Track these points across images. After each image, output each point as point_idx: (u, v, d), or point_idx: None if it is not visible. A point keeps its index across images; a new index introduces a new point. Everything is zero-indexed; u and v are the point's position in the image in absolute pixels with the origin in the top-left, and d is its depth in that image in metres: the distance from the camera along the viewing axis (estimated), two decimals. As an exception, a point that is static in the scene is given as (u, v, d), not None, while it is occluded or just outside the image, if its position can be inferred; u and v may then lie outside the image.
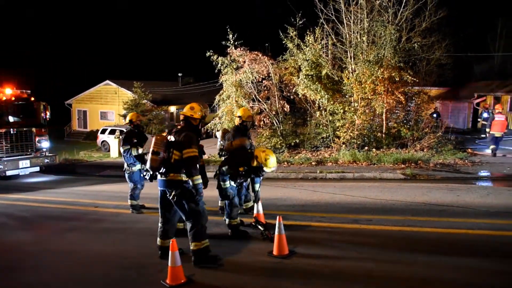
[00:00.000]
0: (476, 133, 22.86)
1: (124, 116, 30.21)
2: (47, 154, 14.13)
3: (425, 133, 16.24)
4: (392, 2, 17.26)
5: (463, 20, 34.91)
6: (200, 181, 5.32)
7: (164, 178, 5.37)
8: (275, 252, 5.58)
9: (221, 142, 8.16)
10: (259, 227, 6.57)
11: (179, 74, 42.81)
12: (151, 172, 5.48)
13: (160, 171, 5.36)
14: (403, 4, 17.37)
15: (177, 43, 71.34)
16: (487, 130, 15.34)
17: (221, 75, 18.21)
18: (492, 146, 15.02)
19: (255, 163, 6.46)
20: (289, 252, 5.60)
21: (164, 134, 5.69)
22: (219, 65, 17.85)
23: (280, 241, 5.58)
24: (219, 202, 7.87)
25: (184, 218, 5.44)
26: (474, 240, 6.03)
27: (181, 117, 5.71)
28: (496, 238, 6.08)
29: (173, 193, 5.26)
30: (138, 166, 8.53)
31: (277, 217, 5.65)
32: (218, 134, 8.67)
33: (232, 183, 6.67)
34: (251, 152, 6.69)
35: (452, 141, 17.16)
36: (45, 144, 14.21)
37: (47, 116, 14.49)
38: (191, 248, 5.33)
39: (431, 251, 5.58)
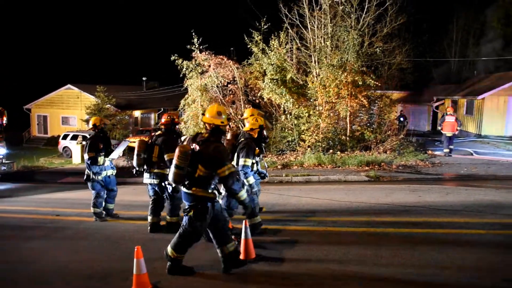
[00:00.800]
0: (436, 135, 23.62)
1: (87, 121, 29.52)
2: (3, 161, 13.60)
3: (387, 135, 16.63)
4: (355, 8, 17.67)
5: (421, 26, 36.08)
6: (246, 195, 5.07)
7: (186, 191, 4.99)
8: (242, 257, 5.55)
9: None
10: (226, 232, 6.51)
11: (144, 78, 42.22)
12: (173, 185, 5.24)
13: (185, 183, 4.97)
14: (365, 10, 17.82)
15: (142, 47, 70.40)
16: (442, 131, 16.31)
17: (186, 79, 18.08)
18: (445, 150, 16.11)
19: None
20: (256, 256, 5.58)
21: (185, 141, 5.42)
22: (184, 69, 17.72)
23: (246, 245, 5.55)
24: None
25: (180, 228, 5.09)
26: (436, 238, 6.21)
27: (207, 126, 5.07)
28: (455, 236, 6.28)
29: (192, 211, 4.90)
30: (104, 173, 8.14)
31: (243, 221, 5.64)
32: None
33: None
34: None
35: (414, 143, 17.68)
36: (1, 150, 13.67)
37: (4, 122, 13.96)
38: (169, 253, 5.07)
39: (396, 251, 5.70)
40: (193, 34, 17.33)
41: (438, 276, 4.83)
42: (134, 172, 7.42)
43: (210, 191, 4.94)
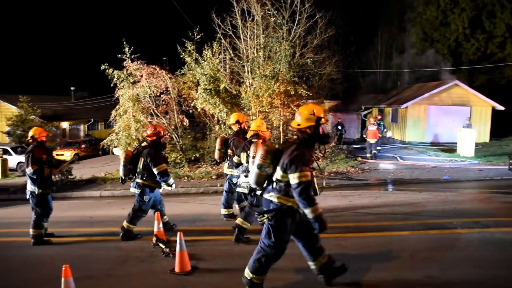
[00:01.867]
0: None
1: (8, 134, 27.78)
2: None
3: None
4: (286, 20, 18.14)
5: (349, 38, 37.83)
6: (320, 211, 4.34)
7: (264, 196, 4.60)
8: (177, 270, 5.45)
9: (223, 150, 8.19)
10: (160, 244, 6.40)
11: (72, 88, 40.50)
12: (253, 187, 4.71)
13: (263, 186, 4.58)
14: (296, 22, 18.35)
15: (69, 56, 67.43)
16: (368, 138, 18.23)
17: (117, 89, 17.55)
18: (368, 155, 17.88)
19: None
20: (191, 268, 5.51)
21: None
22: (115, 79, 17.19)
23: (182, 257, 5.47)
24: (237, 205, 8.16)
25: (261, 244, 4.61)
26: (365, 242, 6.45)
27: (294, 128, 4.64)
28: (386, 239, 6.57)
29: (265, 216, 4.51)
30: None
31: (178, 233, 5.55)
32: (116, 151, 8.43)
33: None
34: None
35: (344, 151, 18.35)
36: None
37: None
38: (248, 276, 4.61)
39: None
40: (124, 43, 16.92)
41: (373, 278, 5.03)
42: (120, 181, 7.45)
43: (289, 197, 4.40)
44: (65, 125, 35.28)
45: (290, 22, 18.45)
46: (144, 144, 7.43)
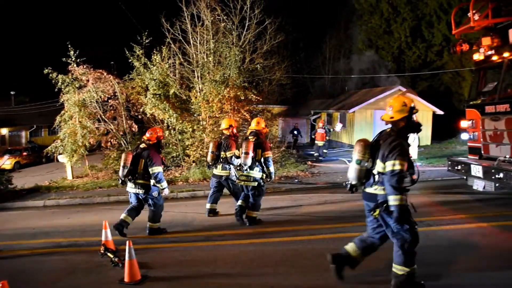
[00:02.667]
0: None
1: None
2: None
3: (270, 148, 17.25)
4: (236, 25, 18.22)
5: (298, 44, 38.52)
6: (404, 203, 4.43)
7: (366, 191, 4.79)
8: (126, 279, 5.32)
9: (216, 153, 9.01)
10: (108, 254, 6.22)
11: (12, 93, 38.59)
12: (353, 183, 4.78)
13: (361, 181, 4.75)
14: (246, 28, 18.48)
15: (9, 58, 64.15)
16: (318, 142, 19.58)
17: (62, 94, 16.91)
18: (315, 154, 19.40)
19: None
20: (141, 277, 5.40)
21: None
22: (60, 83, 16.56)
23: (131, 266, 5.35)
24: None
25: (389, 236, 4.72)
26: (316, 244, 6.57)
27: (386, 122, 4.91)
28: (336, 240, 6.71)
29: (377, 210, 4.58)
30: None
31: (127, 241, 5.42)
32: (62, 158, 8.35)
33: None
34: None
35: (295, 155, 18.62)
36: None
37: None
38: (403, 271, 4.55)
39: (279, 261, 5.92)
40: (69, 46, 16.36)
41: (324, 280, 5.12)
42: (120, 182, 7.84)
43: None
44: (4, 131, 33.57)
45: (240, 27, 18.56)
46: (142, 146, 7.83)
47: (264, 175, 8.18)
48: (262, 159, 8.12)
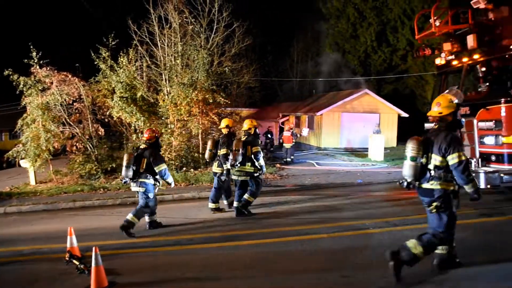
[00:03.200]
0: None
1: None
2: None
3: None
4: (204, 28, 18.18)
5: (266, 48, 38.74)
6: (477, 185, 4.96)
7: (422, 186, 5.07)
8: (93, 286, 5.20)
9: (214, 151, 9.70)
10: (74, 261, 6.07)
11: (-31, 95, 37.13)
12: (409, 180, 5.08)
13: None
14: (214, 31, 18.47)
15: (-33, 59, 61.73)
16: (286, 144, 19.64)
17: (24, 96, 16.36)
18: (288, 159, 19.23)
19: None
20: (108, 284, 5.29)
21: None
22: (21, 85, 16.02)
23: (97, 273, 5.22)
24: (225, 201, 9.87)
25: (432, 231, 5.06)
26: (286, 246, 6.61)
27: (432, 118, 5.19)
28: (305, 242, 6.78)
29: (434, 205, 4.90)
30: None
31: (94, 248, 5.29)
32: (24, 163, 8.34)
33: None
34: None
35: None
36: None
37: None
38: (438, 251, 5.11)
39: (249, 264, 5.93)
40: (31, 47, 15.86)
41: (289, 281, 5.16)
42: (123, 182, 8.26)
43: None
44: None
45: (208, 30, 18.55)
46: (143, 146, 8.35)
47: (256, 168, 8.96)
48: (252, 155, 8.92)
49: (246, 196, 9.00)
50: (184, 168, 15.57)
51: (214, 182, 9.82)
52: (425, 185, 5.01)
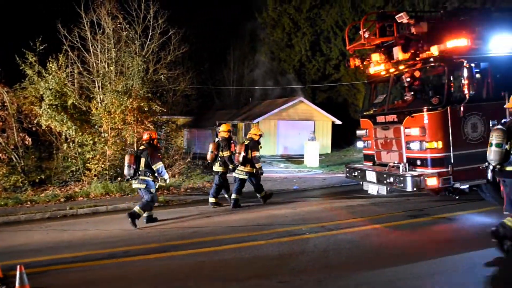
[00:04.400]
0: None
1: None
2: None
3: (175, 160, 17.04)
4: (139, 35, 17.79)
5: (202, 55, 38.65)
6: None
7: (506, 169, 5.69)
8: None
9: (215, 153, 10.94)
10: (-4, 282, 5.68)
11: None
12: (494, 164, 5.69)
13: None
14: (149, 37, 18.13)
15: None
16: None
17: None
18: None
19: None
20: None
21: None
22: None
23: (24, 293, 4.91)
24: (226, 194, 11.23)
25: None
26: (223, 255, 6.60)
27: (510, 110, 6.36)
28: (242, 250, 6.80)
29: None
30: None
31: (18, 266, 4.96)
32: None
33: None
34: None
35: (200, 166, 18.52)
36: None
37: None
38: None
39: (186, 274, 5.85)
40: None
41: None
42: (126, 180, 10.00)
43: None
44: None
45: (143, 37, 18.16)
46: (142, 147, 9.41)
47: (254, 169, 10.58)
48: (252, 158, 10.53)
49: (257, 194, 11.01)
50: (119, 178, 15.06)
51: (214, 179, 11.20)
52: (509, 168, 5.73)
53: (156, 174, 9.08)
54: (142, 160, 9.07)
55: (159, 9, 18.34)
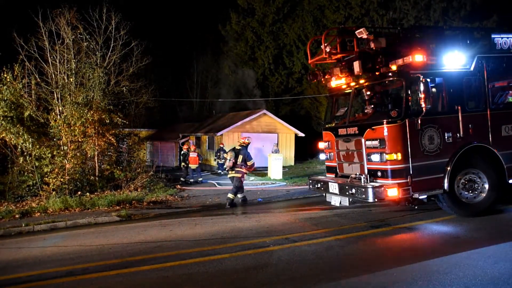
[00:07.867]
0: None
1: None
2: None
3: (138, 173, 16.74)
4: (100, 46, 17.50)
5: (166, 68, 38.42)
6: None
7: None
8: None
9: (233, 161, 12.85)
10: None
11: None
12: None
13: None
14: (111, 48, 17.87)
15: None
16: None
17: None
18: (191, 180, 19.90)
19: None
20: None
21: None
22: None
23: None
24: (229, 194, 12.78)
25: None
26: (187, 269, 6.50)
27: None
28: (206, 263, 6.72)
29: None
30: None
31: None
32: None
33: None
34: None
35: (163, 179, 18.27)
36: None
37: None
38: None
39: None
40: None
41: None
42: (224, 170, 10.92)
43: None
44: None
45: (104, 48, 17.88)
46: (238, 147, 13.07)
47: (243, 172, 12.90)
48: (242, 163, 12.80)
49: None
50: (79, 192, 14.63)
51: (233, 183, 13.03)
52: None
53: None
54: (240, 157, 12.83)
55: (121, 20, 18.16)
